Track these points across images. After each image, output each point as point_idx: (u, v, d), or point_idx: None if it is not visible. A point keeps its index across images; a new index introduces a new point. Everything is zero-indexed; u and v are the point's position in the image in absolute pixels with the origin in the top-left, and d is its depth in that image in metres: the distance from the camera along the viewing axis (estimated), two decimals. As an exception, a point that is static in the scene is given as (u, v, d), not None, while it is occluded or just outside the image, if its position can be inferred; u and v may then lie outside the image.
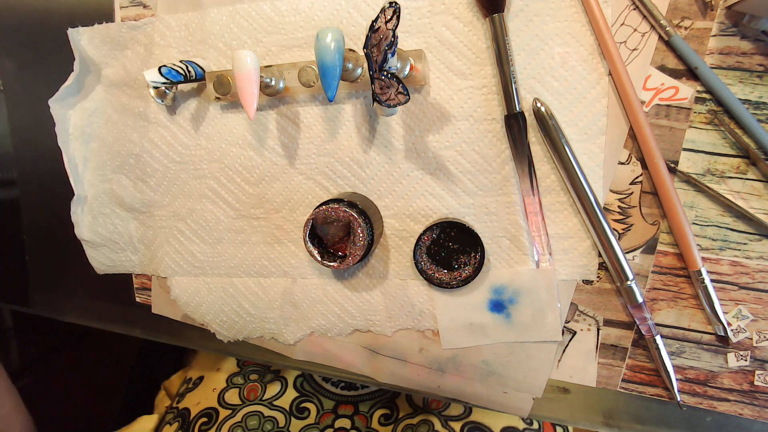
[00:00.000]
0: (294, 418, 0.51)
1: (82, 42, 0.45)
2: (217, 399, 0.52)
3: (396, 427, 0.50)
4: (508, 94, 0.35)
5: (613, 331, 0.38)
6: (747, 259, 0.35)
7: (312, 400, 0.54)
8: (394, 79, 0.31)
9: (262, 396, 0.53)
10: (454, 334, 0.41)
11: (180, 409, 0.54)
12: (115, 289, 0.51)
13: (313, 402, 0.54)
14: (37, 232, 0.54)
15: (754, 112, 0.33)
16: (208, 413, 0.51)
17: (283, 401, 0.53)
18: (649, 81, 0.35)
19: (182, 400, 0.55)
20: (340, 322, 0.44)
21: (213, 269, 0.46)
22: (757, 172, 0.34)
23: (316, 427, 0.51)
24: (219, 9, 0.41)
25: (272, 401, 0.53)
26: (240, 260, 0.45)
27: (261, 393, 0.53)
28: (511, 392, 0.41)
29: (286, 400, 0.53)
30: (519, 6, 0.35)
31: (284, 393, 0.54)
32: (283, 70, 0.38)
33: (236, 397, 0.52)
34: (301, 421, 0.51)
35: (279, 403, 0.53)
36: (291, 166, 0.42)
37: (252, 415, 0.50)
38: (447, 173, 0.39)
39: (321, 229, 0.38)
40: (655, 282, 0.37)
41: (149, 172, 0.46)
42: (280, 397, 0.53)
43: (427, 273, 0.38)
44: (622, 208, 0.37)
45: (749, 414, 0.37)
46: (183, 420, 0.52)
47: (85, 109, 0.47)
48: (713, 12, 0.33)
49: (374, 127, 0.39)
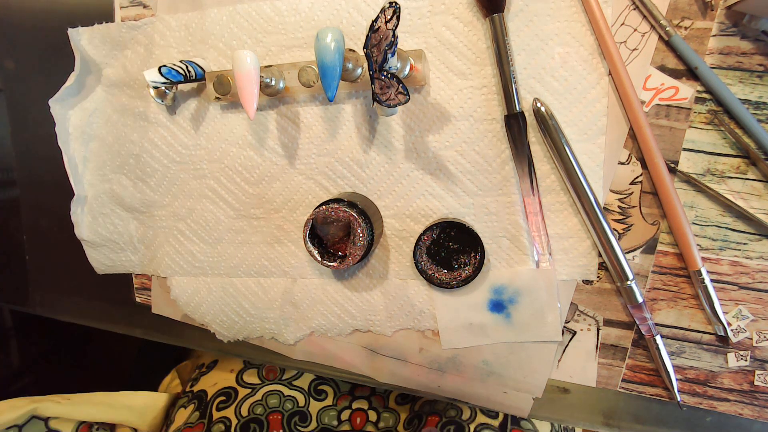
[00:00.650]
0: (313, 399, 0.52)
1: (82, 42, 0.45)
2: (236, 379, 0.52)
3: (414, 405, 0.50)
4: (508, 94, 0.35)
5: (613, 331, 0.38)
6: (747, 259, 0.35)
7: (329, 383, 0.54)
8: (394, 79, 0.31)
9: (281, 376, 0.53)
10: (454, 334, 0.41)
11: (195, 392, 0.54)
12: (115, 289, 0.51)
13: (329, 385, 0.54)
14: (37, 232, 0.54)
15: (754, 112, 0.33)
16: (227, 392, 0.51)
17: (301, 382, 0.53)
18: (649, 81, 0.35)
19: (196, 383, 0.56)
20: (340, 322, 0.44)
21: (213, 269, 0.46)
22: (757, 172, 0.34)
23: (334, 408, 0.51)
24: (219, 9, 0.41)
25: (291, 381, 0.53)
26: (240, 260, 0.45)
27: (280, 374, 0.54)
28: (511, 392, 0.41)
29: (304, 381, 0.54)
30: (519, 6, 0.35)
31: (302, 374, 0.54)
32: (283, 70, 0.38)
33: (255, 377, 0.52)
34: (319, 402, 0.51)
35: (298, 383, 0.53)
36: (291, 166, 0.42)
37: (272, 393, 0.50)
38: (447, 173, 0.39)
39: (321, 229, 0.38)
40: (655, 282, 0.37)
41: (149, 172, 0.46)
42: (298, 378, 0.54)
43: (427, 273, 0.38)
44: (622, 208, 0.37)
45: (749, 414, 0.37)
46: (200, 401, 0.52)
47: (85, 109, 0.47)
48: (713, 12, 0.33)
49: (374, 127, 0.39)
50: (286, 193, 0.43)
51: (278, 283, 0.45)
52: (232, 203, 0.44)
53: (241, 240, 0.45)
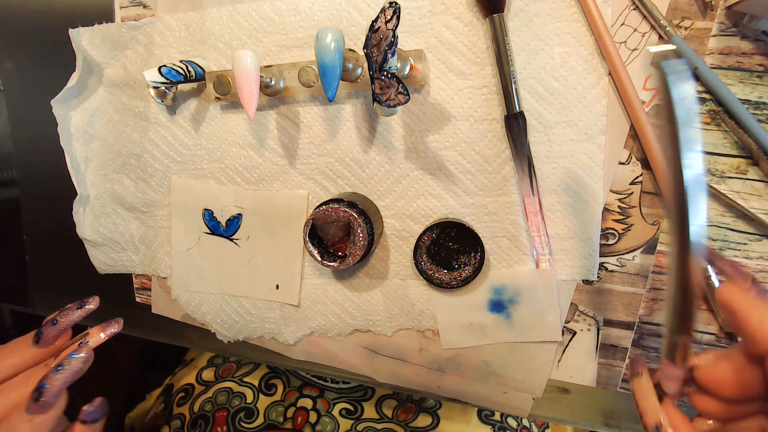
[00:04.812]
0: (262, 395, 0.52)
1: (82, 42, 0.45)
2: (195, 376, 0.53)
3: (357, 425, 0.50)
4: (508, 94, 0.35)
5: (613, 331, 0.38)
6: (747, 259, 0.35)
7: (281, 377, 0.55)
8: (394, 79, 0.31)
9: (235, 373, 0.54)
10: (454, 334, 0.41)
11: (167, 385, 0.55)
12: (115, 289, 0.51)
13: (281, 379, 0.55)
14: (37, 232, 0.54)
15: (754, 112, 0.33)
16: (186, 389, 0.52)
17: (252, 377, 0.54)
18: (649, 81, 0.35)
19: (173, 378, 0.57)
20: (340, 322, 0.44)
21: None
22: (758, 171, 0.34)
23: (281, 404, 0.52)
24: (219, 9, 0.41)
25: (242, 377, 0.54)
26: (240, 260, 0.45)
27: (234, 371, 0.55)
28: (511, 392, 0.41)
29: (256, 376, 0.54)
30: (519, 6, 0.35)
31: (255, 370, 0.55)
32: (283, 70, 0.38)
33: (211, 375, 0.53)
34: (268, 397, 0.52)
35: (249, 379, 0.54)
36: (291, 166, 0.42)
37: (222, 390, 0.51)
38: (447, 173, 0.39)
39: (321, 229, 0.38)
40: (655, 282, 0.37)
41: (150, 172, 0.46)
42: (250, 374, 0.55)
43: (427, 273, 0.38)
44: (622, 208, 0.37)
45: (749, 414, 0.37)
46: (167, 395, 0.53)
47: (86, 109, 0.47)
48: (713, 12, 0.33)
49: (374, 127, 0.39)
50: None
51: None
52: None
53: (241, 240, 0.45)
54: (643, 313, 0.38)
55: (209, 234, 0.45)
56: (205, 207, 0.45)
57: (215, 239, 0.45)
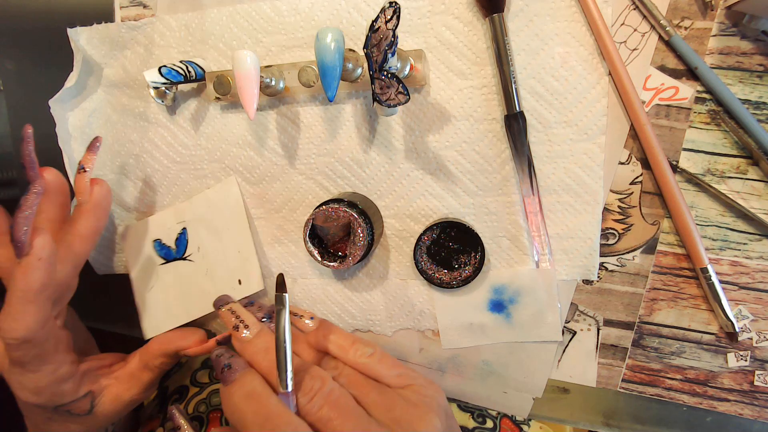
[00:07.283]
0: None
1: (81, 42, 0.45)
2: (190, 377, 0.53)
3: None
4: (508, 94, 0.35)
5: (613, 331, 0.38)
6: (747, 259, 0.35)
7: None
8: (394, 79, 0.31)
9: None
10: (454, 334, 0.41)
11: (162, 385, 0.55)
12: (115, 289, 0.51)
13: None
14: (37, 232, 0.54)
15: (754, 112, 0.34)
16: (180, 390, 0.52)
17: None
18: (649, 81, 0.35)
19: (168, 378, 0.57)
20: (340, 322, 0.44)
21: (213, 269, 0.46)
22: (758, 171, 0.34)
23: None
24: (219, 9, 0.41)
25: None
26: (240, 260, 0.45)
27: None
28: (511, 392, 0.41)
29: None
30: (519, 6, 0.35)
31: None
32: (283, 70, 0.38)
33: (206, 377, 0.53)
34: None
35: None
36: (291, 166, 0.42)
37: (216, 392, 0.51)
38: (447, 173, 0.39)
39: (321, 229, 0.38)
40: (655, 282, 0.37)
41: (149, 173, 0.46)
42: None
43: (427, 273, 0.38)
44: (622, 208, 0.37)
45: (749, 414, 0.37)
46: (162, 395, 0.53)
47: (85, 109, 0.47)
48: (713, 12, 0.33)
49: (374, 127, 0.39)
50: (287, 193, 0.43)
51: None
52: (232, 203, 0.44)
53: (241, 240, 0.45)
54: (643, 313, 0.38)
55: (165, 263, 0.45)
56: (154, 238, 0.45)
57: (171, 266, 0.45)
